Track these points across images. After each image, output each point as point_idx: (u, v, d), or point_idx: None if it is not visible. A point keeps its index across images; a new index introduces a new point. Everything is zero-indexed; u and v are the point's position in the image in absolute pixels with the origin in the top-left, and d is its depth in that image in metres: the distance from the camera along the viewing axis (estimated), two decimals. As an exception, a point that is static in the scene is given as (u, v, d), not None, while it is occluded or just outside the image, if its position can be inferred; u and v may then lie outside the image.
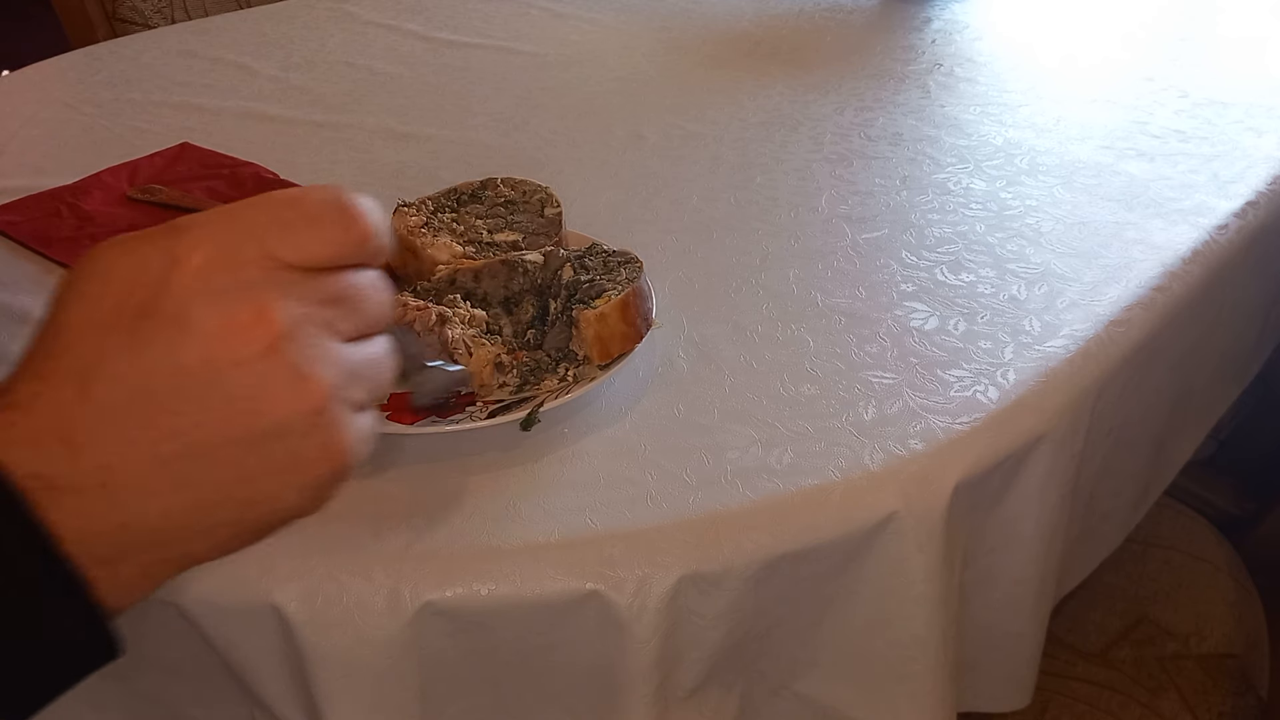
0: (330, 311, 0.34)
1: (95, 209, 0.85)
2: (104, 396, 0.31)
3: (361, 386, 0.35)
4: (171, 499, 0.32)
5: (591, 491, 0.57)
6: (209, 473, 0.32)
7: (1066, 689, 0.89)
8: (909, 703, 0.61)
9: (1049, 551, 0.66)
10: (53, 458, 0.31)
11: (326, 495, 0.35)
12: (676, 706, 0.57)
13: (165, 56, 1.16)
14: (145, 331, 0.31)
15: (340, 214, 0.34)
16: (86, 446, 0.31)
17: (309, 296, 0.33)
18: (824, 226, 0.82)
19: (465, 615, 0.53)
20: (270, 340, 0.32)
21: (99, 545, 0.31)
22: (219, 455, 0.32)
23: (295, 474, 0.33)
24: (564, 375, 0.63)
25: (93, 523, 0.31)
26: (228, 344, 0.31)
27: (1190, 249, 0.78)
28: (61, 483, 0.31)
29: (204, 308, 0.31)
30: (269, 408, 0.32)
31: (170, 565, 0.34)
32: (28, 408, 0.31)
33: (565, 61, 1.15)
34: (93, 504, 0.31)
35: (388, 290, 0.36)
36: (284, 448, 0.33)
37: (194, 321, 0.31)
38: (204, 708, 0.60)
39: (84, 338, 0.32)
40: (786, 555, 0.55)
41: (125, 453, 0.31)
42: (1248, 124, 0.97)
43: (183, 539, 0.33)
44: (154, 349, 0.31)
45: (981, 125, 0.99)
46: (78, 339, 0.32)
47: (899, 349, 0.68)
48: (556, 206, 0.74)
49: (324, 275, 0.34)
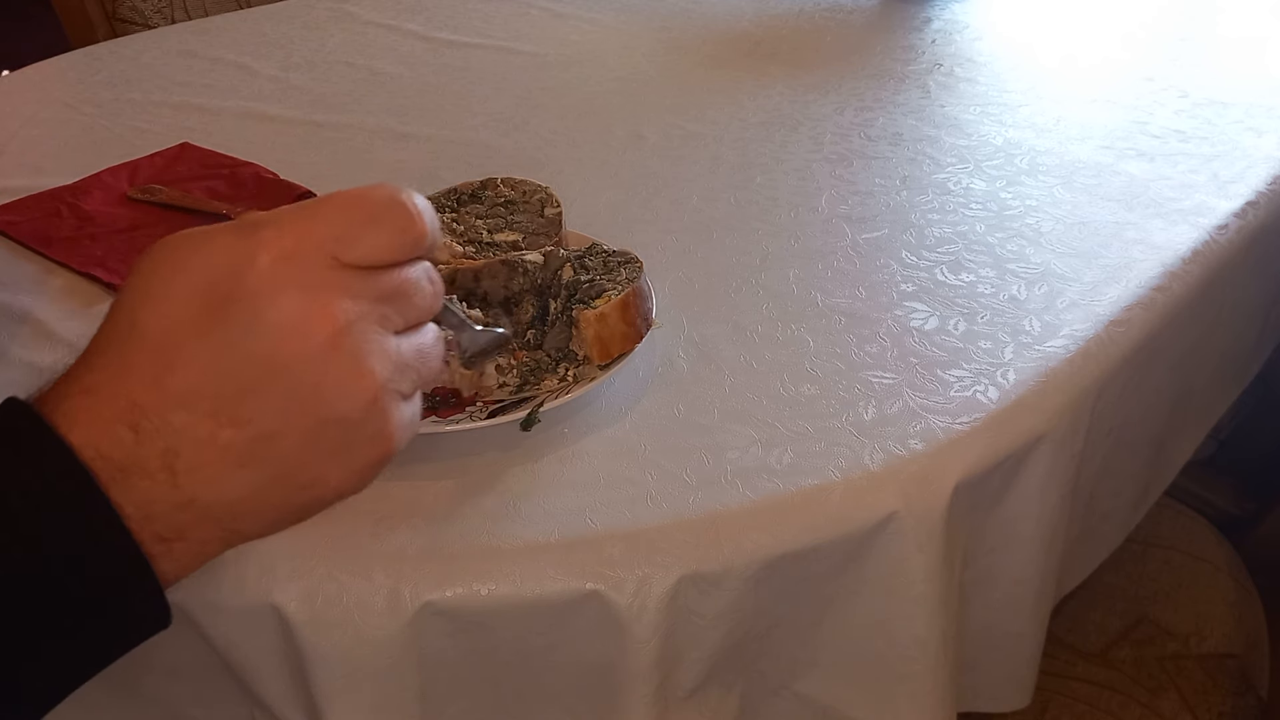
0: (386, 307, 0.36)
1: (95, 209, 0.85)
2: (173, 384, 0.33)
3: (411, 377, 0.37)
4: (232, 482, 0.34)
5: (591, 491, 0.57)
6: (269, 458, 0.34)
7: (1066, 689, 0.89)
8: (909, 703, 0.61)
9: (1049, 551, 0.66)
10: (122, 441, 0.33)
11: (371, 477, 0.37)
12: (676, 706, 0.57)
13: (165, 56, 1.16)
14: (216, 324, 0.33)
15: (400, 215, 0.36)
16: (154, 432, 0.33)
17: (368, 294, 0.35)
18: (824, 226, 0.82)
19: (465, 615, 0.53)
20: (332, 336, 0.34)
21: (159, 524, 0.34)
22: (279, 442, 0.34)
23: (348, 458, 0.36)
24: (564, 375, 0.63)
25: (155, 503, 0.33)
26: (294, 339, 0.34)
27: (1190, 249, 0.78)
28: (129, 465, 0.33)
29: (272, 304, 0.33)
30: (329, 398, 0.34)
31: (221, 543, 0.36)
32: (99, 393, 0.33)
33: (565, 61, 1.15)
34: (157, 486, 0.33)
35: (438, 282, 0.39)
36: (339, 435, 0.35)
37: (263, 317, 0.33)
38: (204, 708, 0.60)
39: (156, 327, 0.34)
40: (786, 555, 0.55)
41: (192, 438, 0.33)
42: (1248, 124, 0.97)
43: (237, 518, 0.35)
44: (224, 341, 0.33)
45: (981, 125, 0.99)
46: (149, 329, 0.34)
47: (899, 349, 0.68)
48: (556, 206, 0.74)
49: (383, 272, 0.36)
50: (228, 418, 0.33)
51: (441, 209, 0.73)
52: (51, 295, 0.75)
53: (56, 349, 0.69)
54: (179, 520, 0.34)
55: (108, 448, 0.33)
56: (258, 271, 0.33)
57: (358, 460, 0.36)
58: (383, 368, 0.35)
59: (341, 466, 0.36)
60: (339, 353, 0.34)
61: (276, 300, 0.33)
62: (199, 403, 0.33)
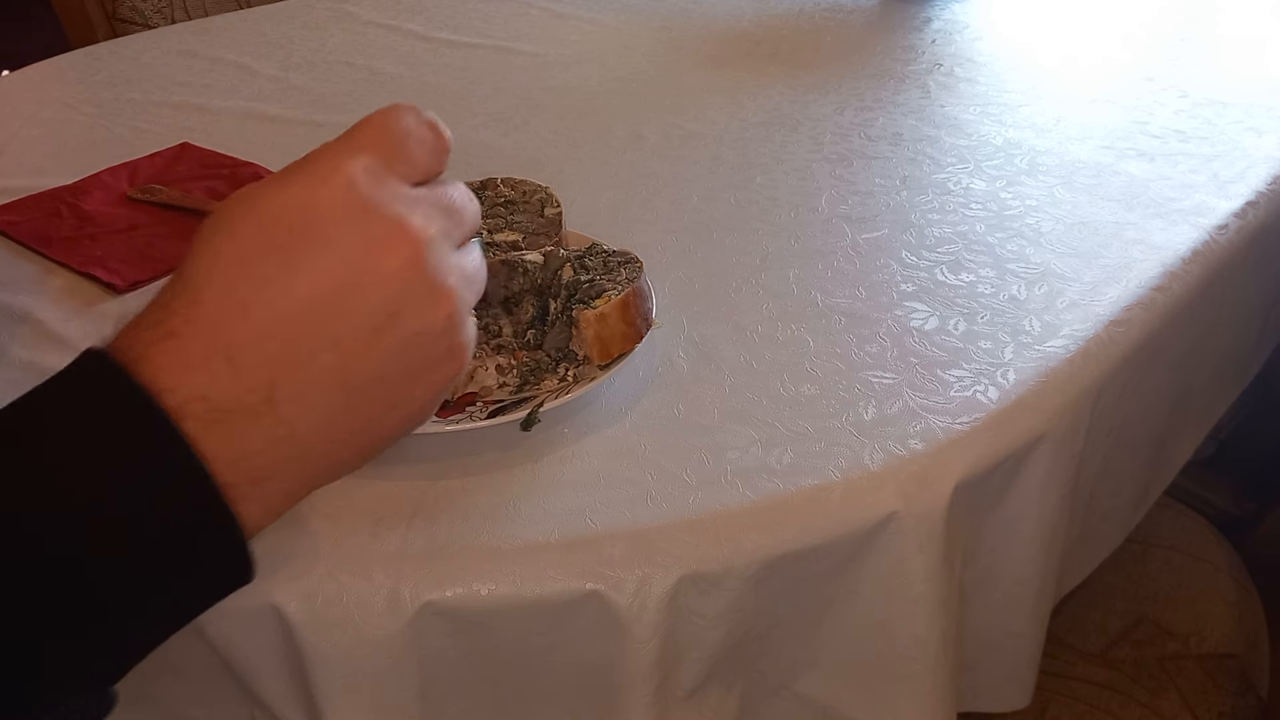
0: (446, 222, 0.37)
1: (95, 209, 0.85)
2: (262, 315, 0.33)
3: (474, 290, 0.39)
4: (329, 407, 0.34)
5: (591, 491, 0.57)
6: (361, 378, 0.35)
7: (1066, 689, 0.89)
8: (909, 703, 0.61)
9: (1049, 551, 0.66)
10: (217, 378, 0.32)
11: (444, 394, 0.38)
12: (676, 706, 0.57)
13: (165, 56, 1.16)
14: (295, 252, 0.34)
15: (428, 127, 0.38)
16: (249, 365, 0.33)
17: (432, 210, 0.37)
18: (824, 226, 0.82)
19: (465, 615, 0.53)
20: (410, 253, 0.35)
21: (256, 461, 0.33)
22: (370, 360, 0.35)
23: (427, 374, 0.36)
24: (564, 375, 0.63)
25: (253, 440, 0.33)
26: (373, 258, 0.34)
27: (1190, 249, 0.78)
28: (227, 402, 0.32)
29: (348, 227, 0.34)
30: (412, 314, 0.35)
31: (310, 481, 0.36)
32: (188, 333, 0.33)
33: (565, 61, 1.15)
34: (257, 420, 0.33)
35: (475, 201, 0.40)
36: (422, 351, 0.36)
37: (340, 240, 0.34)
38: (204, 708, 0.60)
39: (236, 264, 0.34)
40: (786, 555, 0.55)
41: (286, 365, 0.33)
42: (1248, 124, 0.97)
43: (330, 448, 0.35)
44: (305, 267, 0.34)
45: (981, 125, 0.99)
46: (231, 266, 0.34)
47: (899, 349, 0.68)
48: (556, 206, 0.74)
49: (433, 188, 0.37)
50: (324, 340, 0.34)
51: (441, 209, 0.73)
52: (51, 295, 0.75)
53: (56, 349, 0.69)
54: (275, 456, 0.34)
55: (203, 387, 0.32)
56: (329, 200, 0.34)
57: (436, 376, 0.37)
58: (455, 281, 0.37)
59: (422, 383, 0.37)
60: (421, 267, 0.35)
61: (355, 225, 0.34)
62: (292, 327, 0.33)
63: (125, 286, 0.75)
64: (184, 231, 0.83)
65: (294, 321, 0.33)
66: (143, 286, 0.76)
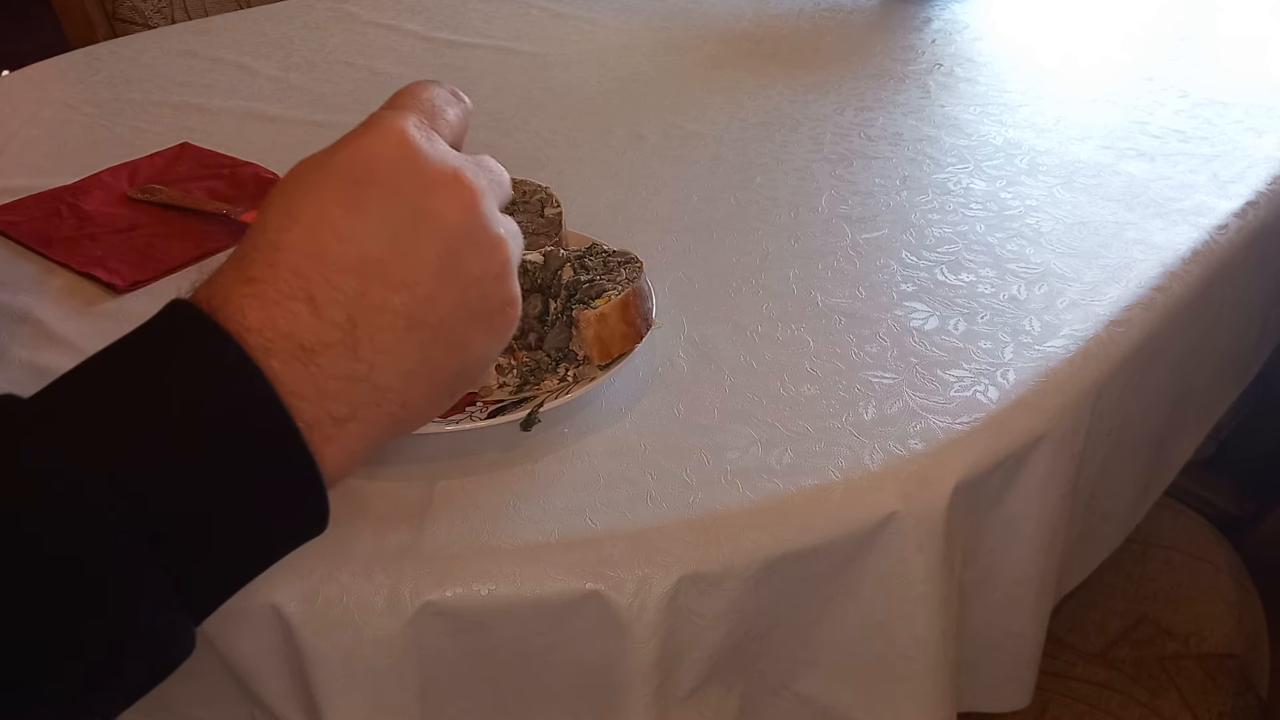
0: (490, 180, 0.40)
1: (95, 209, 0.85)
2: (338, 256, 0.35)
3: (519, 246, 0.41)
4: (405, 347, 0.36)
5: (591, 491, 0.57)
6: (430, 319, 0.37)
7: (1066, 689, 0.89)
8: (909, 703, 0.61)
9: (1049, 551, 0.66)
10: (299, 317, 0.34)
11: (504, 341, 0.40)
12: (676, 706, 0.57)
13: (165, 56, 1.16)
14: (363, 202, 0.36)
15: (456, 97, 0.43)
16: (329, 303, 0.34)
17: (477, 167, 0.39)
18: (824, 226, 0.82)
19: (465, 615, 0.53)
20: (467, 198, 0.38)
21: (336, 402, 0.35)
22: (438, 303, 0.37)
23: (486, 321, 0.39)
24: (564, 375, 0.63)
25: (335, 379, 0.35)
26: (434, 203, 0.37)
27: (1190, 249, 0.78)
28: (310, 340, 0.34)
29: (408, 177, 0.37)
30: (471, 258, 0.37)
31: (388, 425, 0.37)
32: (270, 278, 0.34)
33: (565, 61, 1.15)
34: (337, 358, 0.35)
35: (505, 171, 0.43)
36: (482, 295, 0.38)
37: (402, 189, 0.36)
38: (204, 708, 0.60)
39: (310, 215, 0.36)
40: (786, 555, 0.55)
41: (363, 305, 0.35)
42: (1248, 124, 0.97)
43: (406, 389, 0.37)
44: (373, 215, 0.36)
45: (981, 125, 0.99)
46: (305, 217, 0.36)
47: (899, 349, 0.68)
48: (556, 206, 0.74)
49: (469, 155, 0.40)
50: (396, 281, 0.35)
51: (441, 209, 0.73)
52: (51, 295, 0.75)
53: (56, 349, 0.69)
54: (355, 395, 0.35)
55: (287, 325, 0.34)
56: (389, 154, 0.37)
57: (495, 323, 0.39)
58: (506, 231, 0.39)
59: (483, 328, 0.39)
60: (478, 215, 0.38)
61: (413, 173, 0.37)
62: (366, 269, 0.35)
63: (125, 286, 0.75)
64: (184, 231, 0.83)
65: (367, 265, 0.35)
66: (143, 286, 0.76)
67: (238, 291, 0.34)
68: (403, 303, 0.36)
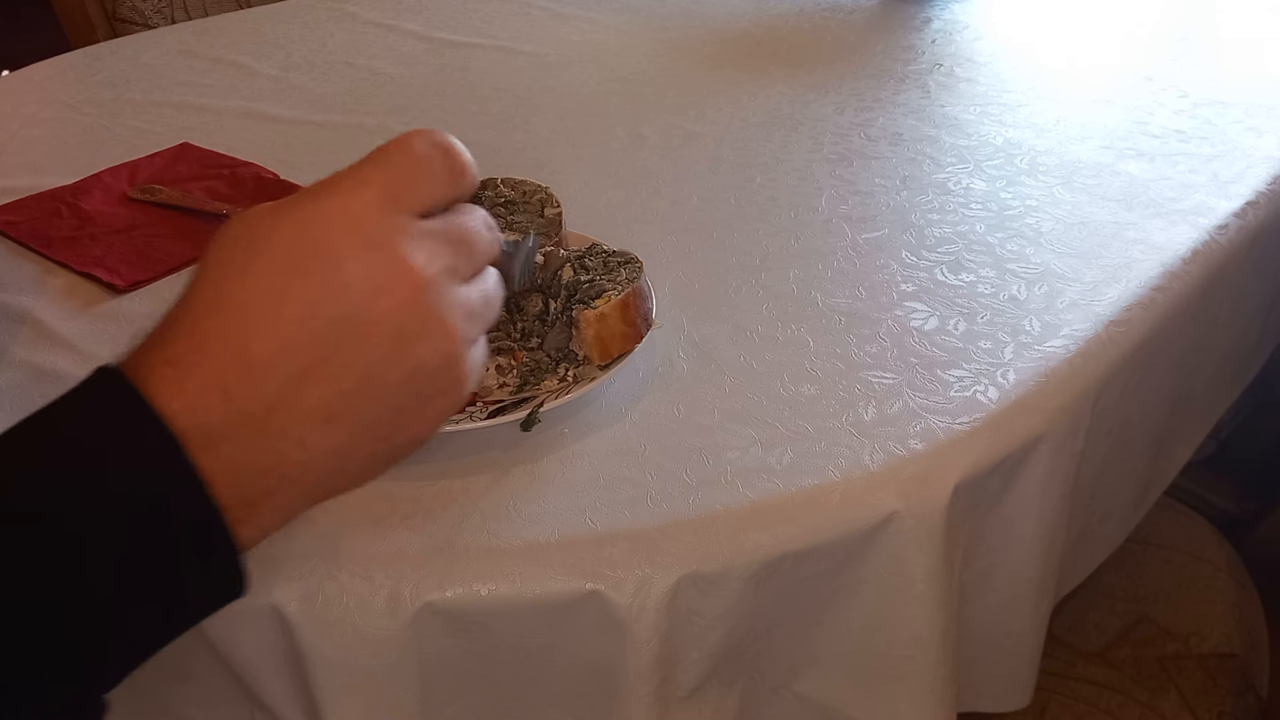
0: (454, 258, 0.37)
1: (95, 209, 0.85)
2: (261, 350, 0.34)
3: (479, 324, 0.39)
4: (320, 440, 0.35)
5: (591, 491, 0.57)
6: (353, 413, 0.35)
7: (1066, 689, 0.89)
8: (909, 703, 0.61)
9: (1049, 551, 0.66)
10: (212, 408, 0.33)
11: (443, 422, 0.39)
12: (676, 706, 0.57)
13: (165, 56, 1.16)
14: (298, 290, 0.34)
15: (446, 157, 0.37)
16: (244, 396, 0.34)
17: (439, 246, 0.36)
18: (824, 226, 0.82)
19: (465, 615, 0.53)
20: (409, 295, 0.35)
21: (247, 488, 0.34)
22: (364, 397, 0.35)
23: (428, 407, 0.37)
24: (564, 375, 0.63)
25: (245, 468, 0.34)
26: (377, 299, 0.35)
27: (1190, 249, 0.78)
28: (220, 431, 0.33)
29: (352, 267, 0.34)
30: (411, 352, 0.35)
31: (304, 502, 0.36)
32: (188, 362, 0.33)
33: (565, 61, 1.15)
34: (248, 450, 0.34)
35: (495, 228, 0.40)
36: (417, 387, 0.36)
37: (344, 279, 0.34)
38: (204, 708, 0.60)
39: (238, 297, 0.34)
40: (786, 555, 0.55)
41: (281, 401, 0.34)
42: (1248, 124, 0.97)
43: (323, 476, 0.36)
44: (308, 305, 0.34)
45: (981, 125, 0.99)
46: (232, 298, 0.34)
47: (899, 349, 0.68)
48: (556, 206, 0.74)
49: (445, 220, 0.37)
50: (315, 377, 0.34)
51: (441, 209, 0.73)
52: (51, 295, 0.75)
53: (56, 349, 0.69)
54: (266, 483, 0.35)
55: (200, 414, 0.33)
56: (333, 236, 0.34)
57: (433, 408, 0.37)
58: (458, 318, 0.37)
59: (419, 415, 0.37)
60: (420, 308, 0.35)
61: (356, 263, 0.34)
62: (287, 365, 0.34)
63: (125, 286, 0.75)
64: (184, 231, 0.83)
65: (289, 357, 0.34)
66: (143, 286, 0.76)
67: (158, 374, 0.33)
68: (325, 396, 0.35)
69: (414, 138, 0.37)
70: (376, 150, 0.37)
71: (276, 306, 0.34)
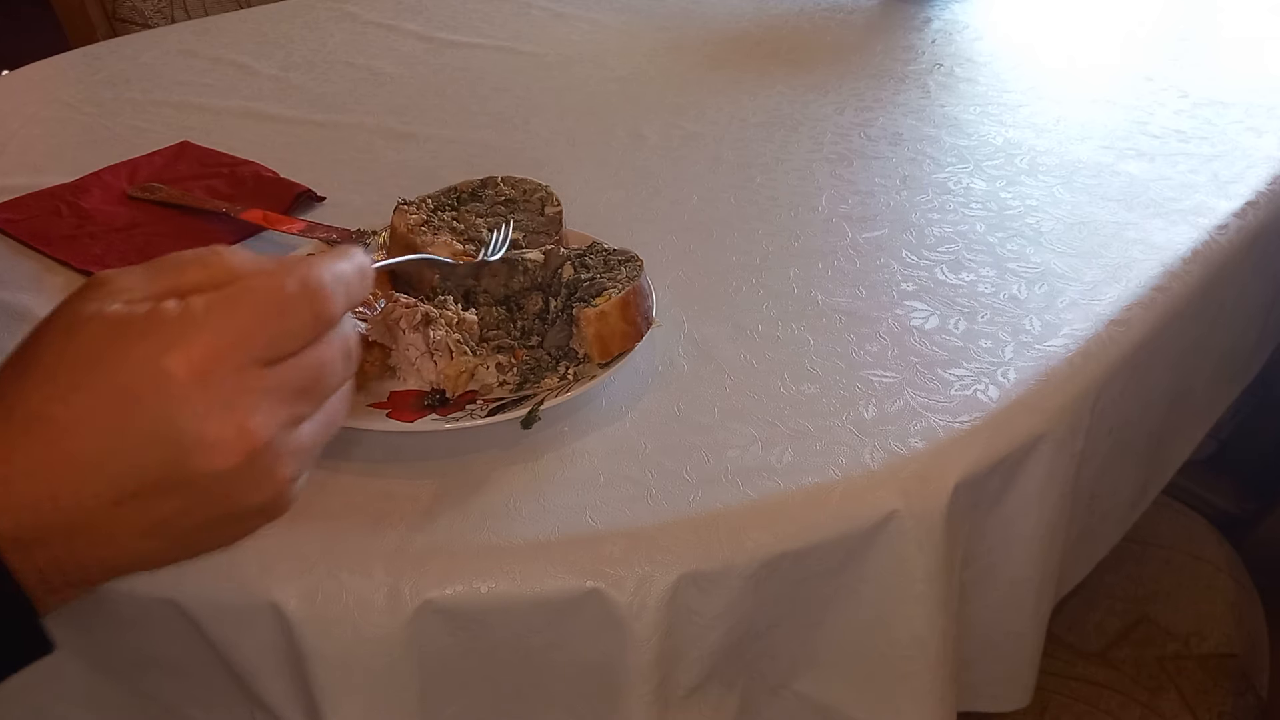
0: (302, 405, 0.37)
1: (95, 207, 0.85)
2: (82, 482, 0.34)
3: (313, 457, 0.39)
4: (130, 551, 0.36)
5: (591, 490, 0.57)
6: (169, 534, 0.36)
7: (1066, 689, 0.89)
8: (909, 702, 0.61)
9: (1049, 551, 0.66)
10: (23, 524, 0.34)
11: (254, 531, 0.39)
12: (676, 705, 0.57)
13: (165, 56, 1.16)
14: (130, 428, 0.34)
15: (311, 301, 0.36)
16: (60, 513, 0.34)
17: (284, 396, 0.36)
18: (824, 226, 0.82)
19: (465, 613, 0.53)
20: (248, 456, 0.35)
21: (53, 579, 0.35)
22: (181, 524, 0.36)
23: (239, 528, 0.38)
24: (564, 374, 0.63)
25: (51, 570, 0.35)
26: (209, 453, 0.34)
27: (1190, 249, 0.78)
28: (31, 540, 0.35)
29: (189, 416, 0.34)
30: (234, 500, 0.36)
31: (105, 581, 0.37)
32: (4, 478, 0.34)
33: (565, 61, 1.15)
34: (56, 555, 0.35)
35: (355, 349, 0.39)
36: (240, 515, 0.37)
37: (178, 430, 0.34)
38: (204, 708, 0.60)
39: (64, 419, 0.34)
40: (786, 554, 0.55)
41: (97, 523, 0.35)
42: (1248, 124, 0.97)
43: (129, 571, 0.37)
44: (137, 445, 0.34)
45: (981, 125, 0.99)
46: (57, 419, 0.34)
47: (899, 348, 0.68)
48: (556, 205, 0.74)
49: (299, 362, 0.36)
50: (135, 509, 0.35)
51: (442, 208, 0.73)
52: (51, 294, 0.75)
53: (56, 348, 0.69)
54: (73, 576, 0.36)
55: (9, 529, 0.34)
56: (175, 383, 0.34)
57: (248, 527, 0.38)
58: (292, 466, 0.37)
59: (232, 535, 0.38)
60: (251, 468, 0.35)
61: (193, 415, 0.34)
62: (107, 493, 0.34)
63: (125, 285, 0.75)
64: (184, 230, 0.83)
65: (111, 488, 0.34)
66: (142, 285, 0.76)
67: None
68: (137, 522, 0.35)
69: (287, 278, 0.36)
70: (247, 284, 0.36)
71: (103, 439, 0.34)
